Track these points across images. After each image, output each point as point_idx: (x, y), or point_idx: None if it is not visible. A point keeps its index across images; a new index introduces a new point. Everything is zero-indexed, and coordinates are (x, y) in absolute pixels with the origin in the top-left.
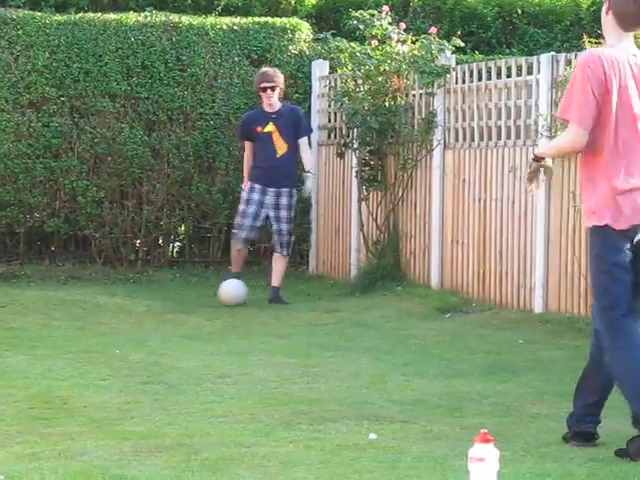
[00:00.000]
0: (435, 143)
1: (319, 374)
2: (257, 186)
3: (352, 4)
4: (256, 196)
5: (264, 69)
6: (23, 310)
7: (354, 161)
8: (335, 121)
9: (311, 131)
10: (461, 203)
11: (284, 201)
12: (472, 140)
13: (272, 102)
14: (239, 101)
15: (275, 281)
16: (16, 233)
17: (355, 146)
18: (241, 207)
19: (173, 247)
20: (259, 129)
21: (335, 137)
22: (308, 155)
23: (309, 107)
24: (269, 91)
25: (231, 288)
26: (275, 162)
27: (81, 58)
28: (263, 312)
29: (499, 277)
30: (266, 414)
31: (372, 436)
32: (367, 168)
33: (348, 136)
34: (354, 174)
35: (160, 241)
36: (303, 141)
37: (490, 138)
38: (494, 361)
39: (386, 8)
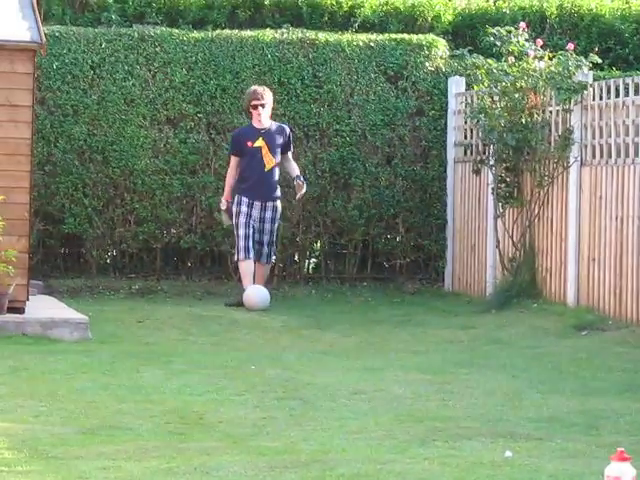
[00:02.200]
0: (572, 160)
1: (454, 391)
2: (245, 199)
3: (489, 21)
4: (245, 208)
5: (254, 87)
6: (160, 325)
7: (490, 178)
8: (471, 138)
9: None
10: (598, 220)
11: (268, 214)
12: (609, 157)
13: (262, 119)
14: (375, 117)
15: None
16: (153, 249)
17: (491, 163)
18: (240, 231)
19: (309, 263)
20: (249, 144)
21: (471, 154)
22: (295, 165)
23: (445, 124)
24: (260, 108)
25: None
26: (263, 176)
27: (218, 75)
28: (398, 328)
29: (636, 294)
30: (401, 431)
31: (508, 454)
32: (503, 185)
33: (484, 153)
34: (490, 191)
35: (296, 257)
36: (289, 156)
37: (627, 155)
38: (631, 379)
39: (523, 25)
